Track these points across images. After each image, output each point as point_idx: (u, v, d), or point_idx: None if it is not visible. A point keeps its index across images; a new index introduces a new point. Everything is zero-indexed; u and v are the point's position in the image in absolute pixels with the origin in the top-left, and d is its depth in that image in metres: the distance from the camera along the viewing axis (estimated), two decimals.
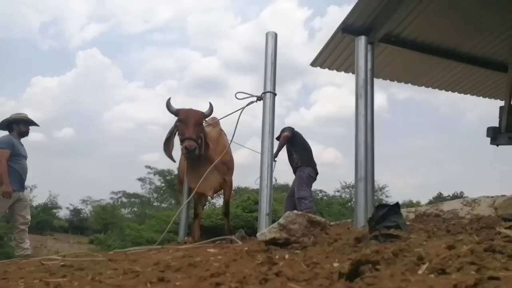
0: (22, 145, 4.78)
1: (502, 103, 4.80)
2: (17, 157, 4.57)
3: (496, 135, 4.56)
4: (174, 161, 4.07)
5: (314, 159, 5.84)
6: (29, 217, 4.73)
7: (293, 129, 5.85)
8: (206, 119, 3.84)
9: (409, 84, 5.85)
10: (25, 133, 4.78)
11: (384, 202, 20.81)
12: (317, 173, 5.75)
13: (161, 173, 24.66)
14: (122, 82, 75.78)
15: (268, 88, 3.18)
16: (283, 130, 5.84)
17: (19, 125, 4.70)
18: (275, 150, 5.30)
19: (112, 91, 74.06)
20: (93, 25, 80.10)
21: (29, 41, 75.47)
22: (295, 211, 2.29)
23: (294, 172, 5.71)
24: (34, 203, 27.69)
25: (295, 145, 5.71)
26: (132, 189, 27.84)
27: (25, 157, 4.78)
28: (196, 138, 3.48)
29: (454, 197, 27.12)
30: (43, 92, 72.32)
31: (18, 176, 4.55)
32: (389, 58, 4.97)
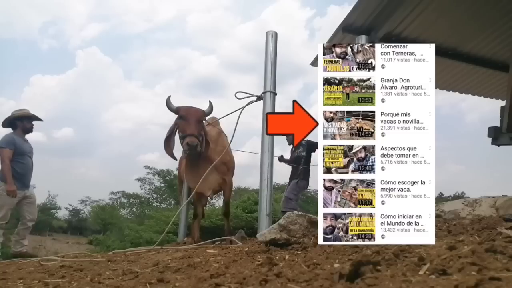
0: (27, 141, 4.71)
1: (503, 102, 4.78)
2: (20, 156, 4.51)
3: (497, 135, 4.53)
4: (176, 159, 4.05)
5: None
6: (36, 214, 4.77)
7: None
8: (206, 118, 3.83)
9: None
10: (30, 130, 4.69)
11: None
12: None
13: (161, 174, 24.53)
14: (123, 81, 76.00)
15: (268, 88, 3.16)
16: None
17: (23, 121, 4.61)
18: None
19: (112, 90, 74.31)
20: (93, 24, 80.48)
21: (29, 40, 75.75)
22: (295, 212, 2.28)
23: (292, 177, 5.85)
24: None
25: (308, 160, 5.74)
26: (131, 189, 27.65)
27: (30, 155, 4.70)
28: (197, 135, 3.47)
29: (455, 197, 27.10)
30: (42, 91, 72.65)
31: (19, 176, 4.51)
32: None
